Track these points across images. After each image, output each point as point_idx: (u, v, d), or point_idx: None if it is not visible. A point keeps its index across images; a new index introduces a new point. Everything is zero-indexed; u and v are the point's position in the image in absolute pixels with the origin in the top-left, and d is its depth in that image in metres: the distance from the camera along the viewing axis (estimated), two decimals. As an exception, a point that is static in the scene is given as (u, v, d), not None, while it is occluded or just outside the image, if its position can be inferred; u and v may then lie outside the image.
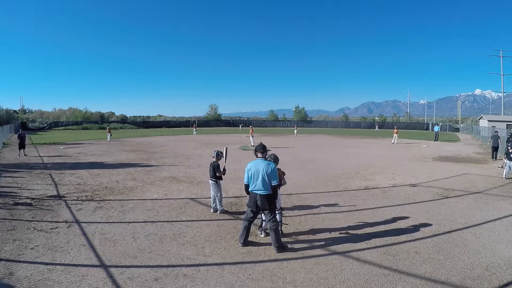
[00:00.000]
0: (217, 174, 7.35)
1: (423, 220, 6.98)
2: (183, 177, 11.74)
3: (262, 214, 5.75)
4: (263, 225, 6.03)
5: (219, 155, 7.52)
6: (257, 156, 5.65)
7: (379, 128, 59.83)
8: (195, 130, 40.42)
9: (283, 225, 6.15)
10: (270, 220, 5.40)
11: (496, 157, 17.17)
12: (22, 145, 17.95)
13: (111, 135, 29.84)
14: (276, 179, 5.43)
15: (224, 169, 7.43)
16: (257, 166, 5.45)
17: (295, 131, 40.06)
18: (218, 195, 7.42)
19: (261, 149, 5.64)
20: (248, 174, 5.53)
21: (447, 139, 33.78)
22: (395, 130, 28.30)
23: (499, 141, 17.15)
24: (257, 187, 5.39)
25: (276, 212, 5.90)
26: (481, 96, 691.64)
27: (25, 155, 17.58)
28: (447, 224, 6.75)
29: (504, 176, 11.96)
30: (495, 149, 17.20)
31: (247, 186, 5.60)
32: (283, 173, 6.31)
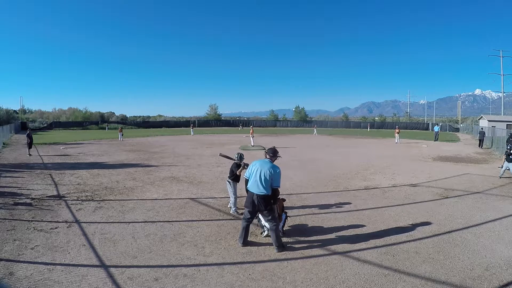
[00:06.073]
0: (236, 173, 7.35)
1: (423, 220, 6.98)
2: (183, 177, 11.74)
3: (260, 215, 5.75)
4: (261, 223, 6.00)
5: (241, 157, 7.56)
6: (265, 157, 5.68)
7: (370, 128, 60.77)
8: (192, 130, 40.01)
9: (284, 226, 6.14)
10: (269, 220, 5.40)
11: (482, 146, 24.30)
12: (31, 145, 18.37)
13: (122, 135, 30.46)
14: (278, 183, 5.44)
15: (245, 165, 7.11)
16: (262, 165, 5.46)
17: (315, 130, 41.42)
18: (232, 195, 7.46)
19: (271, 153, 5.68)
20: (251, 168, 5.55)
21: (447, 139, 33.77)
22: (397, 130, 28.44)
23: (484, 136, 24.78)
24: (254, 185, 5.38)
25: (283, 216, 5.94)
26: (481, 96, 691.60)
27: (30, 155, 17.71)
28: (447, 224, 6.75)
29: (499, 176, 12.06)
30: (480, 140, 24.70)
31: (246, 182, 5.62)
32: (283, 200, 6.35)
